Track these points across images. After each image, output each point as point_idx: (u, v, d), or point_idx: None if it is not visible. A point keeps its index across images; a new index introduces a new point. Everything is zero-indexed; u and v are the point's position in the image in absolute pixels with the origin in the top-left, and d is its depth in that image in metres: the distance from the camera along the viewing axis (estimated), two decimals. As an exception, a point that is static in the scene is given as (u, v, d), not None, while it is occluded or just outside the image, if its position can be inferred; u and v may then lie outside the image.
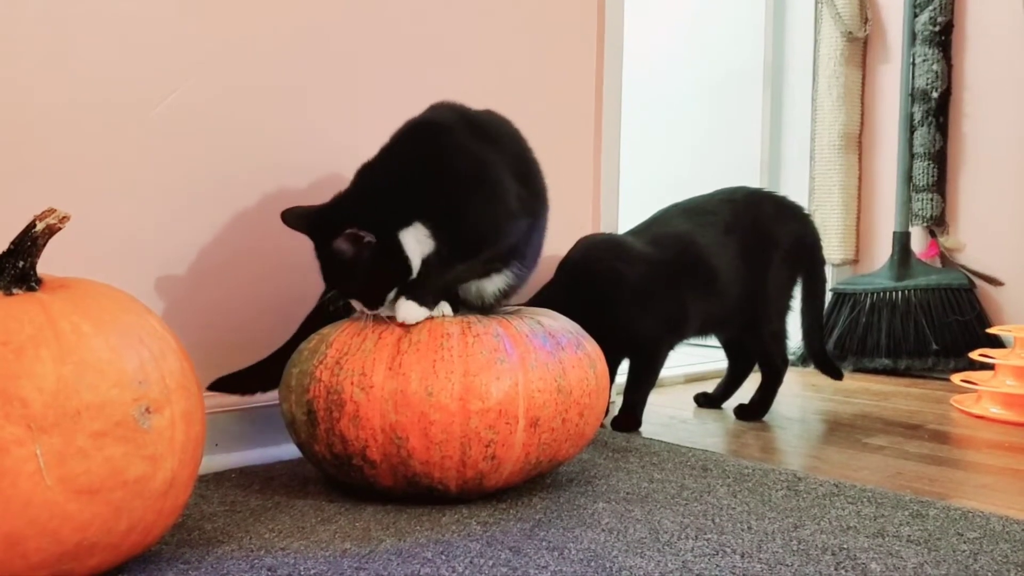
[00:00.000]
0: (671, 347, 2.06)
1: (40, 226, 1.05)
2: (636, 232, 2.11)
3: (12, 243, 1.04)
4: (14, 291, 1.03)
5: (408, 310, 1.39)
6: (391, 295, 1.42)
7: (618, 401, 2.12)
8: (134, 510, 1.01)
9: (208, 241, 1.62)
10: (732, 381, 2.31)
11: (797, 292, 2.22)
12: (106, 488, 0.98)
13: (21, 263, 1.04)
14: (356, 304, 1.44)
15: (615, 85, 2.34)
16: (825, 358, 2.33)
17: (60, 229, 1.06)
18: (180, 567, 1.12)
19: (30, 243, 1.04)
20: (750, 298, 2.10)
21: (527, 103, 2.13)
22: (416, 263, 1.41)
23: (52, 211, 1.06)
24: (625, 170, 2.42)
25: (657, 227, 2.11)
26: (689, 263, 2.03)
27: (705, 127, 3.44)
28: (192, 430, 1.09)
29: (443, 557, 1.16)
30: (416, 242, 1.41)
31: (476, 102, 1.56)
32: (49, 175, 1.44)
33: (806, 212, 2.27)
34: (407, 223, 1.40)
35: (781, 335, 2.19)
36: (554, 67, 2.21)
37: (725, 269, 2.06)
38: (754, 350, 2.22)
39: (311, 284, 1.70)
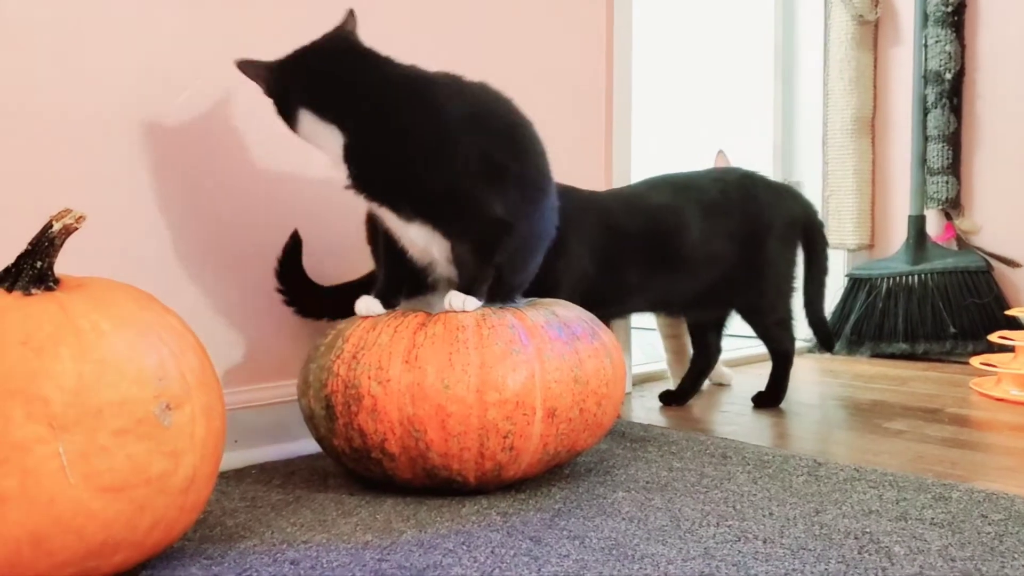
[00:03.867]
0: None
1: (57, 226, 1.05)
2: (614, 194, 2.08)
3: (30, 244, 1.05)
4: (33, 291, 1.03)
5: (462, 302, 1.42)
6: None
7: (633, 392, 2.11)
8: (157, 507, 1.02)
9: (226, 238, 1.62)
10: (696, 375, 2.25)
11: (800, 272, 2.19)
12: (129, 485, 0.98)
13: (39, 263, 1.04)
14: None
15: (625, 73, 2.33)
16: (823, 327, 2.27)
17: (77, 229, 1.07)
18: (203, 563, 1.12)
19: (47, 243, 1.05)
20: (743, 283, 2.06)
21: (535, 88, 2.12)
22: (305, 137, 1.45)
23: (68, 211, 1.06)
24: (636, 157, 2.41)
25: (635, 193, 2.07)
26: (652, 237, 1.97)
27: (716, 113, 3.43)
28: (212, 426, 1.09)
29: (464, 547, 1.16)
30: (312, 131, 1.44)
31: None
32: (65, 175, 1.44)
33: (798, 191, 2.24)
34: (322, 112, 1.42)
35: (786, 319, 2.14)
36: (563, 52, 2.21)
37: (699, 248, 2.01)
38: (760, 336, 2.18)
39: (327, 278, 1.70)
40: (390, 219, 1.46)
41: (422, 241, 1.46)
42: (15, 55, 1.39)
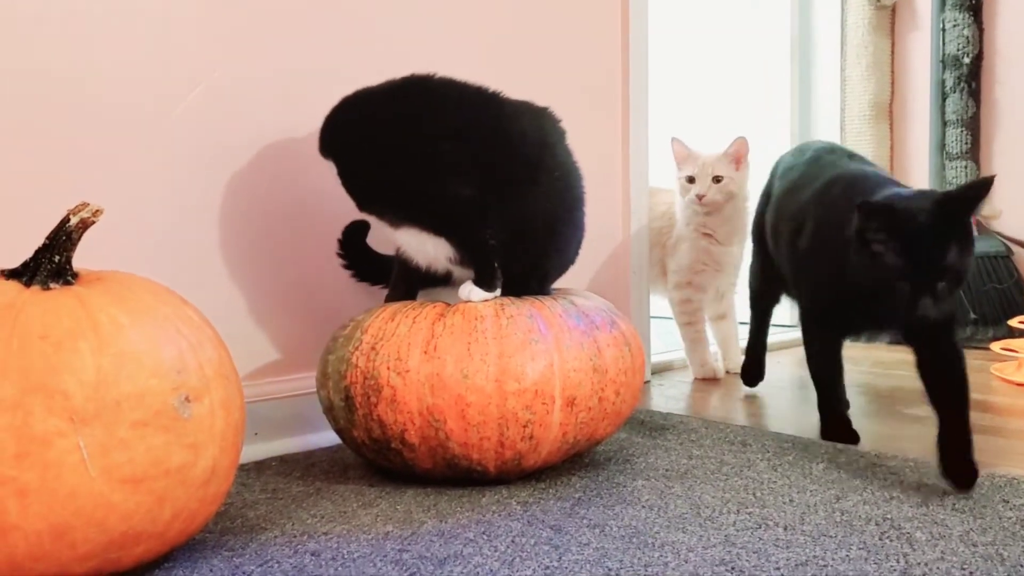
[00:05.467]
0: None
1: (74, 220, 1.06)
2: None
3: (47, 238, 1.05)
4: (51, 285, 1.03)
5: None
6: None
7: (652, 380, 2.10)
8: (177, 498, 1.02)
9: (243, 231, 1.63)
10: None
11: None
12: (149, 477, 0.99)
13: (57, 257, 1.05)
14: None
15: (641, 59, 2.32)
16: None
17: (94, 223, 1.07)
18: (224, 554, 1.13)
19: (65, 237, 1.05)
20: None
21: (551, 79, 2.12)
22: None
23: (85, 205, 1.06)
24: (653, 145, 2.40)
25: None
26: None
27: (733, 100, 3.41)
28: (232, 418, 1.09)
29: (485, 537, 1.16)
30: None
31: (496, 82, 1.55)
32: (81, 170, 1.45)
33: None
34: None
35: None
36: (578, 42, 2.20)
37: None
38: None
39: (337, 270, 1.70)
40: (385, 228, 1.51)
41: (416, 243, 1.48)
42: (29, 49, 1.40)
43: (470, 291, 1.43)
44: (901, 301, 1.34)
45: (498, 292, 1.45)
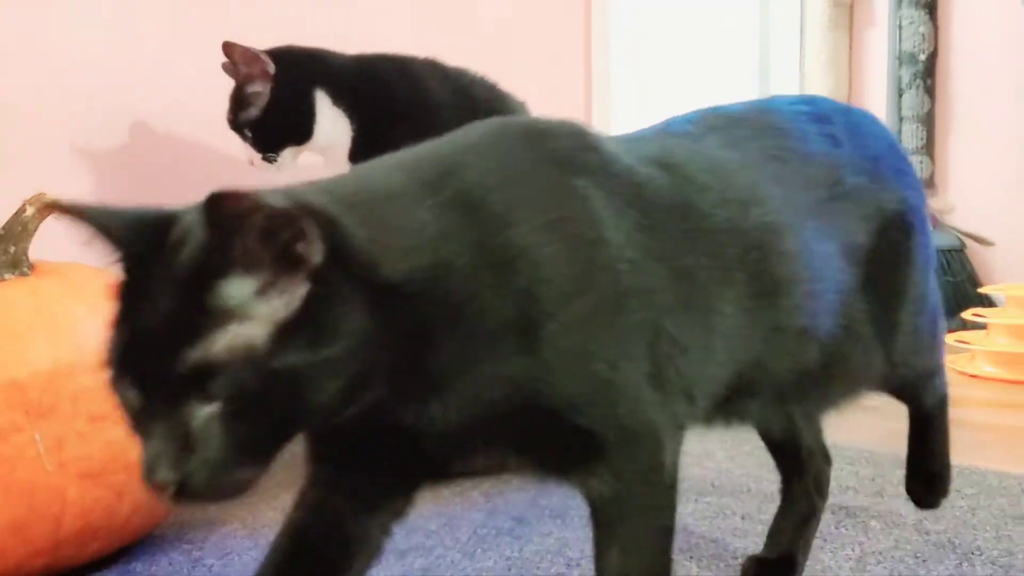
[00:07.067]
0: None
1: (30, 211, 1.04)
2: None
3: (2, 228, 1.04)
4: (5, 276, 1.02)
5: None
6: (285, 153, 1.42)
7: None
8: (136, 493, 1.01)
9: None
10: None
11: None
12: (107, 471, 0.98)
13: (12, 248, 1.04)
14: (247, 146, 1.43)
15: (603, 55, 2.33)
16: None
17: (52, 213, 1.06)
18: (184, 548, 1.12)
19: (20, 228, 1.04)
20: None
21: (513, 53, 2.12)
22: (321, 131, 1.42)
23: (43, 195, 1.05)
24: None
25: None
26: None
27: (693, 96, 3.43)
28: (191, 411, 1.09)
29: (447, 528, 1.17)
30: (330, 114, 1.42)
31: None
32: (41, 161, 1.43)
33: None
34: (326, 88, 1.41)
35: None
36: (543, 37, 2.20)
37: None
38: None
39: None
40: None
41: None
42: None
43: None
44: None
45: None
